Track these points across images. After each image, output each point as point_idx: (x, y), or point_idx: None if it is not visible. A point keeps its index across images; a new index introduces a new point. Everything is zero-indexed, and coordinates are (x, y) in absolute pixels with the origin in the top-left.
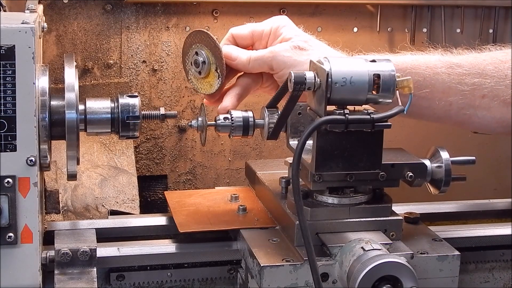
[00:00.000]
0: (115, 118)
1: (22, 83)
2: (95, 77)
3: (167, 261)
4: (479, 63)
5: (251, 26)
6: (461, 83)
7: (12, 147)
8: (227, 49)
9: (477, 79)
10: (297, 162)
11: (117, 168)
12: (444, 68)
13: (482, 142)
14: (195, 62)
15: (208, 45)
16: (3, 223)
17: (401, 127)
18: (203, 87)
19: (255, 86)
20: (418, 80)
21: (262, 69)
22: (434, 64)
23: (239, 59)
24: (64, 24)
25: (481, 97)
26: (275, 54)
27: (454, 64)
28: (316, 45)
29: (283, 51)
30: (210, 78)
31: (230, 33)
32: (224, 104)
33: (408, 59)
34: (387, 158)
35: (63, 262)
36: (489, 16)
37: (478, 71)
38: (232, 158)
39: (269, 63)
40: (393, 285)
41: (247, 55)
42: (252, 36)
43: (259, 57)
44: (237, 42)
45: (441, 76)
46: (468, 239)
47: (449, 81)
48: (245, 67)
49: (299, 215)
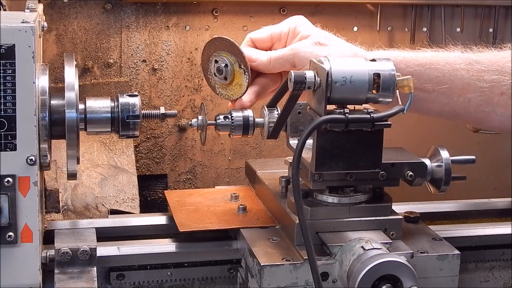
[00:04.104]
0: (115, 118)
1: (22, 83)
2: (95, 76)
3: (167, 260)
4: (498, 61)
5: (270, 29)
6: (480, 80)
7: (12, 147)
8: (246, 52)
9: (496, 76)
10: (297, 162)
11: (117, 167)
12: (463, 64)
13: (482, 141)
14: (218, 70)
15: (224, 48)
16: (3, 222)
17: (401, 126)
18: (235, 91)
19: (274, 86)
20: (437, 76)
21: (284, 68)
22: (453, 60)
23: (259, 60)
24: (64, 23)
25: (500, 94)
26: (296, 51)
27: (474, 61)
28: (335, 40)
29: (304, 47)
30: (237, 78)
31: (249, 37)
32: (242, 100)
33: (428, 55)
34: (387, 158)
35: (63, 262)
36: (489, 15)
37: (497, 68)
38: (232, 157)
39: (290, 60)
40: (393, 284)
41: (267, 56)
42: (271, 38)
43: (280, 56)
44: (257, 45)
45: (460, 72)
46: (468, 239)
47: (468, 78)
48: (266, 67)
49: (299, 214)
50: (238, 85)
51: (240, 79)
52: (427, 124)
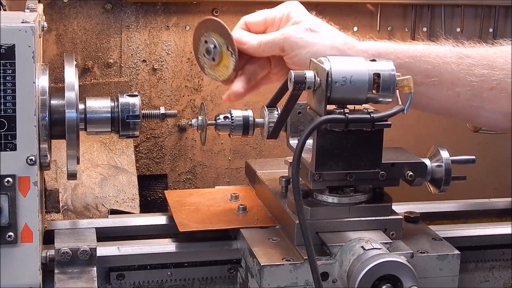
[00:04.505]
0: (115, 118)
1: (22, 83)
2: (95, 76)
3: (167, 260)
4: (489, 56)
5: (264, 13)
6: (470, 74)
7: (12, 146)
8: (237, 34)
9: (486, 70)
10: (297, 162)
11: (117, 167)
12: (454, 58)
13: (482, 141)
14: (207, 51)
15: (214, 29)
16: (3, 222)
17: (401, 126)
18: (221, 72)
19: (263, 72)
20: (427, 69)
21: (273, 52)
22: (444, 53)
23: (249, 43)
24: (64, 23)
25: (490, 89)
26: (287, 36)
27: (464, 55)
28: (327, 28)
29: (295, 32)
30: (225, 60)
31: (243, 20)
32: (234, 88)
33: (419, 47)
34: (387, 157)
35: (63, 261)
36: (489, 15)
37: (487, 63)
38: (232, 157)
39: (280, 45)
40: (393, 284)
41: (257, 39)
42: (265, 22)
43: (270, 40)
44: (250, 29)
45: (450, 65)
46: (468, 238)
47: (458, 71)
48: (256, 51)
49: (299, 214)
50: (225, 66)
51: (227, 61)
52: (427, 124)
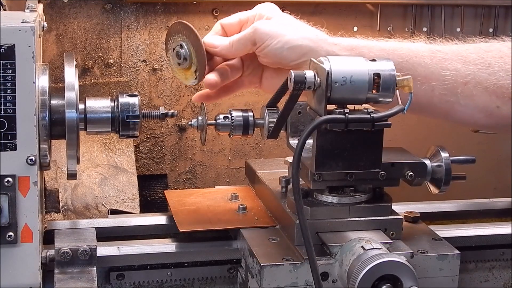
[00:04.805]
0: (115, 117)
1: (22, 82)
2: (95, 76)
3: (167, 260)
4: (462, 51)
5: (238, 14)
6: (444, 68)
7: (12, 146)
8: (210, 39)
9: (460, 65)
10: (297, 161)
11: (117, 167)
12: (427, 52)
13: (482, 141)
14: (177, 54)
15: (194, 45)
16: (3, 222)
17: (401, 126)
18: (179, 74)
19: (235, 74)
20: (400, 62)
21: (246, 48)
22: (416, 48)
23: (222, 45)
24: (64, 23)
25: (464, 83)
26: (256, 28)
27: (437, 50)
28: (298, 22)
29: (264, 24)
30: (188, 74)
31: (219, 23)
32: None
33: (391, 43)
34: (387, 157)
35: (63, 261)
36: (489, 15)
37: (460, 58)
38: (232, 157)
39: (251, 38)
40: (393, 284)
41: (229, 40)
42: (239, 22)
43: (241, 36)
44: (226, 31)
45: (423, 59)
46: (468, 238)
47: (431, 65)
48: (229, 51)
49: (299, 214)
50: (185, 76)
51: (189, 76)
52: (427, 124)
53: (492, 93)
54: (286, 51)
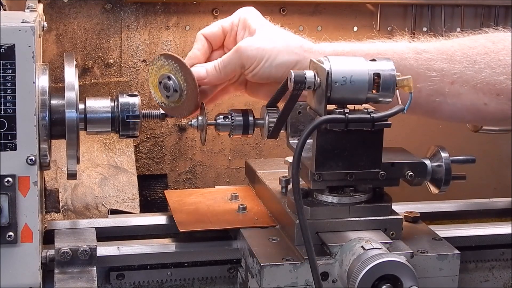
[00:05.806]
0: (115, 117)
1: (22, 82)
2: (95, 76)
3: (167, 260)
4: (447, 49)
5: (220, 22)
6: (430, 69)
7: (12, 146)
8: (196, 70)
9: (445, 64)
10: (297, 161)
11: (117, 167)
12: (412, 53)
13: (482, 141)
14: (165, 86)
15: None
16: (3, 222)
17: (401, 126)
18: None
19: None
20: None
21: (235, 71)
22: (401, 50)
23: (209, 74)
24: (64, 23)
25: (450, 83)
26: (242, 51)
27: (421, 50)
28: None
29: (250, 45)
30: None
31: (200, 34)
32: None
33: (375, 45)
34: (387, 157)
35: (63, 261)
36: (489, 15)
37: (446, 57)
38: (232, 157)
39: (238, 62)
40: (393, 284)
41: (213, 65)
42: (222, 31)
43: (227, 61)
44: (210, 41)
45: (408, 61)
46: (468, 238)
47: (417, 67)
48: (219, 77)
49: (299, 214)
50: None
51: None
52: (427, 124)
53: (479, 90)
54: (274, 69)
